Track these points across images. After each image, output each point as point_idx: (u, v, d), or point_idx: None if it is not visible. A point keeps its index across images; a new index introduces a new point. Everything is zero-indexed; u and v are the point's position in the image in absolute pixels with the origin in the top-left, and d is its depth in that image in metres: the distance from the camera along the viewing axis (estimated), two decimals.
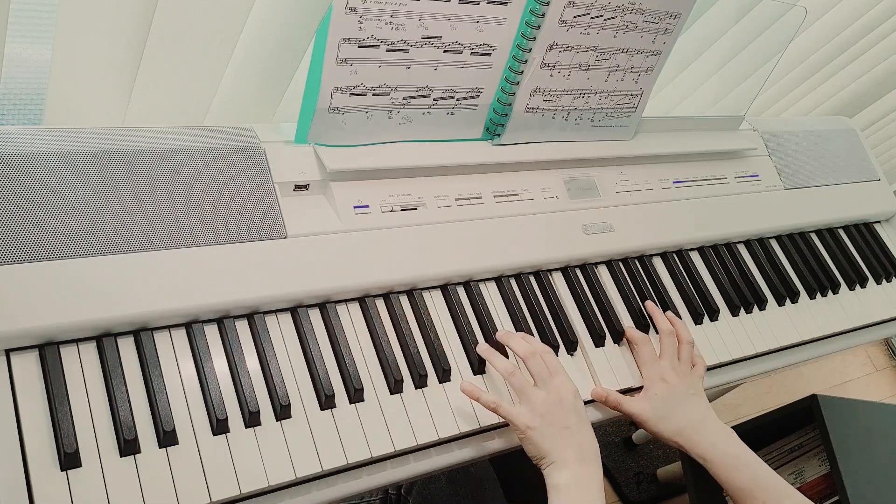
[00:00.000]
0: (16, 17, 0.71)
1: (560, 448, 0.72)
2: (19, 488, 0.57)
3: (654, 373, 0.85)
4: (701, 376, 0.88)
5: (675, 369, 0.86)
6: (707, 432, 0.82)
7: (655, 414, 0.83)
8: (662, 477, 1.76)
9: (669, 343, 0.88)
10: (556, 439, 0.72)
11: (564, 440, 0.73)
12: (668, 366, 0.86)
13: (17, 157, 0.64)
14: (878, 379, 2.36)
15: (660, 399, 0.83)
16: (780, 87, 1.41)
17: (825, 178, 1.22)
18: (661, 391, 0.84)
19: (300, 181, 0.77)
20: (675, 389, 0.84)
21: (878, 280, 1.19)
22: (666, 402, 0.83)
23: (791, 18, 1.11)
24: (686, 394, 0.84)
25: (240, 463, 0.65)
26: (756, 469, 0.81)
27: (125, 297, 0.65)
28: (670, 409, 0.83)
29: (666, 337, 0.88)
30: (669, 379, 0.85)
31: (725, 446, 0.82)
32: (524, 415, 0.73)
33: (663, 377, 0.85)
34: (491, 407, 0.74)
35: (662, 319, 0.91)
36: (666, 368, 0.85)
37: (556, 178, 0.94)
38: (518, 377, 0.75)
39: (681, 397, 0.84)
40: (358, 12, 0.73)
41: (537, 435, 0.72)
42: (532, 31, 0.84)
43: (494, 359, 0.77)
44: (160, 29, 0.72)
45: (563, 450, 0.72)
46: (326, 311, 0.76)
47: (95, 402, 0.63)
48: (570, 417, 0.74)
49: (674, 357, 0.87)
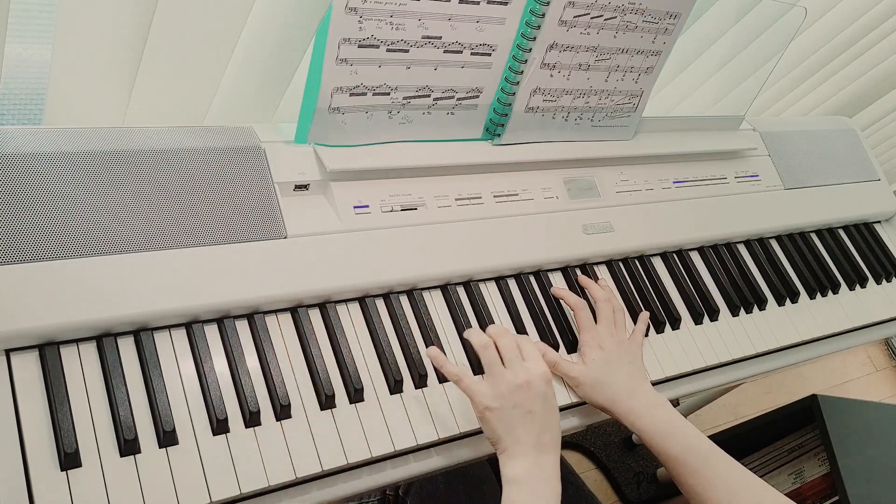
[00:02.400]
0: (16, 17, 0.71)
1: (518, 434, 0.69)
2: (19, 488, 0.57)
3: (592, 338, 0.84)
4: (640, 344, 0.87)
5: (611, 335, 0.84)
6: (640, 399, 0.80)
7: (591, 378, 0.81)
8: (662, 477, 1.76)
9: (606, 309, 0.86)
10: (516, 424, 0.69)
11: (524, 426, 0.70)
12: (605, 332, 0.84)
13: (17, 157, 0.65)
14: (878, 379, 2.36)
15: (596, 365, 0.82)
16: (780, 87, 1.41)
17: (825, 178, 1.22)
18: (598, 357, 0.82)
19: (300, 181, 0.77)
20: (611, 355, 0.83)
21: (878, 280, 1.19)
22: (601, 369, 0.82)
23: (791, 18, 1.11)
24: (622, 361, 0.83)
25: (240, 463, 0.65)
26: (688, 436, 0.78)
27: (125, 297, 0.65)
28: (606, 376, 0.81)
29: (602, 304, 0.87)
30: (606, 345, 0.83)
31: (657, 414, 0.80)
32: (485, 393, 0.70)
33: (600, 344, 0.83)
34: (454, 378, 0.71)
35: (596, 287, 0.89)
36: (603, 335, 0.84)
37: (556, 178, 0.94)
38: (491, 352, 0.72)
39: (616, 364, 0.82)
40: (358, 12, 0.73)
41: (495, 416, 0.70)
42: (532, 31, 0.84)
43: (473, 336, 0.74)
44: (160, 29, 0.72)
45: (522, 436, 0.69)
46: (326, 311, 0.76)
47: (95, 402, 0.63)
48: (535, 403, 0.71)
49: (610, 324, 0.86)
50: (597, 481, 1.77)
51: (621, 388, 0.81)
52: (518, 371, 0.72)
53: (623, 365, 0.83)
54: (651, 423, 0.79)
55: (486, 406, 0.70)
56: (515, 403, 0.70)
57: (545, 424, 0.71)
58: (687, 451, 0.77)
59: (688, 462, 0.77)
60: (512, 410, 0.70)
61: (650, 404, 0.80)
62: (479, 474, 1.02)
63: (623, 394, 0.81)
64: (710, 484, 0.75)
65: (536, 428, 0.70)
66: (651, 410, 0.80)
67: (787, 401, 1.48)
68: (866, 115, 1.62)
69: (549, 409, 0.72)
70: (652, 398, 0.81)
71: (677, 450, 0.78)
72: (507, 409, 0.70)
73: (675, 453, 0.78)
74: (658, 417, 0.79)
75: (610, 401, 0.81)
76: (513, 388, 0.70)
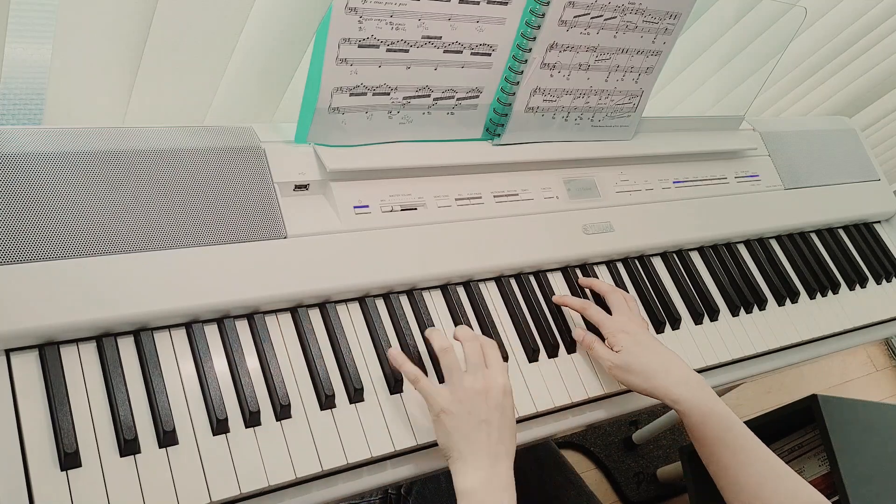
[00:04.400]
0: (16, 17, 0.71)
1: (472, 443, 0.67)
2: (19, 488, 0.57)
3: (615, 327, 0.84)
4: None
5: (632, 320, 0.85)
6: (677, 376, 0.80)
7: (625, 362, 0.81)
8: (662, 477, 1.76)
9: (616, 299, 0.87)
10: (471, 432, 0.68)
11: (478, 434, 0.68)
12: (625, 318, 0.85)
13: (17, 157, 0.65)
14: (878, 379, 2.36)
15: (627, 350, 0.82)
16: (780, 87, 1.41)
17: (825, 178, 1.22)
18: (627, 342, 0.82)
19: (300, 181, 0.77)
20: (638, 338, 0.83)
21: (878, 280, 1.19)
22: (632, 351, 0.81)
23: (791, 18, 1.11)
24: (649, 341, 0.83)
25: (240, 463, 0.65)
26: (731, 418, 0.78)
27: (125, 297, 0.65)
28: (637, 357, 0.81)
29: (611, 295, 0.87)
30: (630, 330, 0.83)
31: (697, 391, 0.79)
32: (443, 396, 0.69)
33: (624, 329, 0.83)
34: (411, 378, 0.70)
35: (598, 283, 0.89)
36: (624, 321, 0.84)
37: (556, 178, 0.94)
38: (451, 356, 0.71)
39: (645, 345, 0.82)
40: (358, 12, 0.73)
41: (450, 421, 0.68)
42: (532, 31, 0.84)
43: (434, 337, 0.73)
44: (160, 29, 0.72)
45: (476, 446, 0.67)
46: (326, 311, 0.76)
47: (95, 402, 0.63)
48: (492, 413, 0.69)
49: (626, 310, 0.86)
50: (597, 481, 1.77)
51: (656, 366, 0.80)
52: (479, 378, 0.70)
53: (651, 345, 0.83)
54: (690, 400, 0.78)
55: (442, 408, 0.68)
56: (471, 410, 0.68)
57: (501, 435, 0.69)
58: (727, 430, 0.77)
59: (726, 440, 0.76)
60: (467, 417, 0.68)
61: (687, 380, 0.80)
62: None
63: (660, 372, 0.80)
64: (746, 463, 0.75)
65: (492, 438, 0.68)
66: (690, 386, 0.79)
67: (787, 401, 1.47)
68: (866, 115, 1.62)
69: (505, 420, 0.70)
70: (688, 374, 0.81)
71: (719, 428, 0.77)
72: (463, 416, 0.68)
73: (717, 432, 0.77)
74: (697, 395, 0.79)
75: (645, 379, 0.80)
76: (471, 395, 0.69)
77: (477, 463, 0.67)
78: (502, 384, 0.71)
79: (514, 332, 0.85)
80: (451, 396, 0.69)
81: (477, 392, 0.69)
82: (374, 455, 0.70)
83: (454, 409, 0.68)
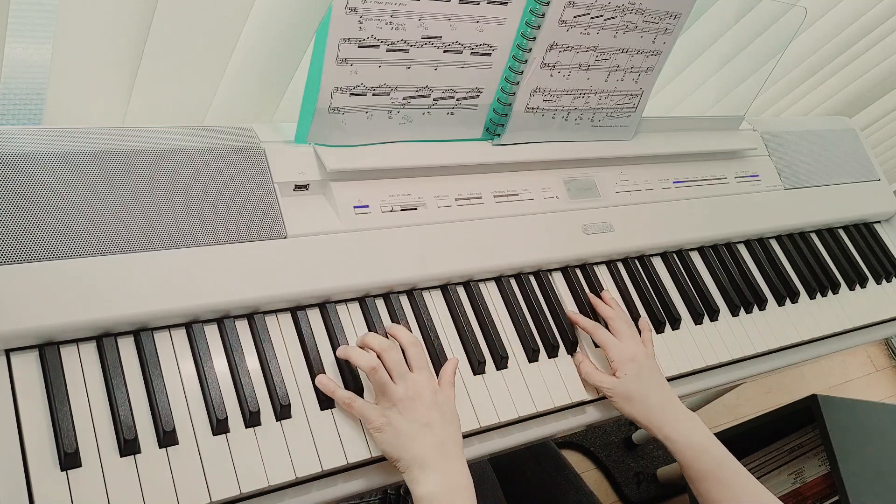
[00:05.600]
0: (16, 17, 0.71)
1: (419, 447, 0.68)
2: (19, 488, 0.57)
3: (622, 353, 0.84)
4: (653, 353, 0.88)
5: (639, 347, 0.85)
6: (673, 413, 0.82)
7: (626, 390, 0.82)
8: (662, 477, 1.76)
9: (619, 325, 0.87)
10: (415, 438, 0.68)
11: (424, 438, 0.68)
12: (631, 345, 0.85)
13: (17, 157, 0.65)
14: (878, 379, 2.36)
15: (630, 378, 0.83)
16: (780, 87, 1.41)
17: (825, 178, 1.22)
18: (632, 371, 0.83)
19: (300, 181, 0.77)
20: (642, 369, 0.83)
21: (878, 280, 1.19)
22: (635, 382, 0.83)
23: (791, 18, 1.11)
24: (653, 373, 0.84)
25: (240, 463, 0.65)
26: (722, 455, 0.80)
27: (125, 297, 0.65)
28: (639, 388, 0.82)
29: (614, 322, 0.87)
30: (637, 359, 0.84)
31: (692, 427, 0.81)
32: (377, 412, 0.69)
33: (632, 357, 0.84)
34: (346, 403, 0.70)
35: (603, 306, 0.89)
36: (630, 348, 0.85)
37: (556, 178, 0.94)
38: (380, 374, 0.69)
39: (648, 377, 0.83)
40: (358, 12, 0.73)
41: (390, 434, 0.68)
42: (532, 31, 0.84)
43: (354, 355, 0.71)
44: (160, 29, 0.72)
45: (425, 450, 0.68)
46: (326, 311, 0.76)
47: (95, 402, 0.63)
48: (430, 414, 0.69)
49: (630, 337, 0.86)
50: (597, 481, 1.77)
51: (654, 400, 0.82)
52: (408, 385, 0.70)
53: (655, 377, 0.84)
54: (686, 436, 0.80)
55: (376, 427, 0.68)
56: (410, 419, 0.69)
57: (446, 434, 0.69)
58: (720, 467, 0.79)
59: (720, 477, 0.78)
60: (408, 426, 0.68)
61: (683, 418, 0.82)
62: (478, 473, 1.02)
63: (657, 406, 0.82)
64: (739, 498, 0.77)
65: (437, 438, 0.69)
66: (685, 424, 0.81)
67: (787, 401, 1.48)
68: (866, 115, 1.62)
69: (446, 417, 0.71)
70: (684, 412, 0.83)
71: (712, 464, 0.79)
72: (403, 426, 0.68)
73: (710, 468, 0.79)
74: (693, 431, 0.81)
75: (643, 413, 0.82)
76: (405, 404, 0.69)
77: (431, 466, 0.67)
78: (428, 384, 0.71)
79: (514, 332, 0.85)
80: (385, 411, 0.69)
81: (410, 399, 0.69)
82: (374, 455, 0.70)
83: (392, 420, 0.69)
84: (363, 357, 0.71)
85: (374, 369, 0.69)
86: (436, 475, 0.67)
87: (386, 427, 0.68)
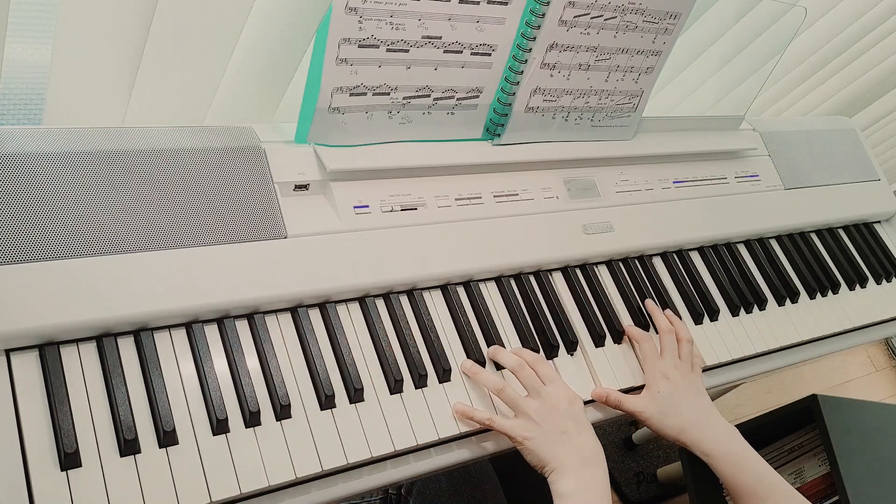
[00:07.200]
0: (16, 17, 0.71)
1: (560, 455, 0.73)
2: (19, 488, 0.57)
3: (657, 370, 0.85)
4: (700, 375, 0.88)
5: (676, 367, 0.86)
6: (711, 429, 0.83)
7: (659, 411, 0.83)
8: (662, 477, 1.76)
9: (670, 341, 0.88)
10: (556, 447, 0.73)
11: (563, 446, 0.73)
12: (670, 364, 0.86)
13: (17, 157, 0.64)
14: (878, 379, 2.36)
15: (662, 396, 0.83)
16: (780, 87, 1.41)
17: (825, 178, 1.22)
18: (665, 388, 0.84)
19: (300, 181, 0.77)
20: (678, 386, 0.84)
21: (878, 280, 1.19)
22: (669, 400, 0.83)
23: (791, 18, 1.11)
24: (689, 391, 0.85)
25: (240, 463, 0.65)
26: (761, 469, 0.81)
27: (125, 297, 0.65)
28: (673, 407, 0.83)
29: (666, 335, 0.89)
30: (672, 376, 0.85)
31: (730, 444, 0.82)
32: (519, 426, 0.74)
33: (666, 375, 0.85)
34: (486, 424, 0.74)
35: (662, 318, 0.91)
36: (668, 366, 0.86)
37: (556, 178, 0.94)
38: (508, 392, 0.75)
39: (684, 394, 0.84)
40: (358, 12, 0.73)
41: (535, 445, 0.73)
42: (532, 31, 0.84)
43: (482, 376, 0.77)
44: (160, 29, 0.72)
45: (564, 456, 0.73)
46: (326, 311, 0.76)
47: (95, 402, 0.63)
48: (566, 423, 0.75)
49: (675, 355, 0.87)
50: None
51: (689, 418, 0.83)
52: (544, 398, 0.76)
53: (690, 395, 0.85)
54: (724, 453, 0.81)
55: (524, 438, 0.73)
56: (549, 428, 0.74)
57: (582, 440, 0.74)
58: (759, 483, 0.80)
59: (758, 493, 0.80)
60: (547, 435, 0.74)
61: (721, 434, 0.83)
62: (480, 474, 1.02)
63: (692, 424, 0.83)
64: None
65: (574, 444, 0.74)
66: (723, 440, 0.82)
67: (787, 401, 1.47)
68: (866, 115, 1.62)
69: (581, 426, 0.76)
70: (722, 427, 0.83)
71: (751, 480, 0.80)
72: (543, 436, 0.74)
73: (749, 484, 0.80)
74: (730, 448, 0.82)
75: (678, 431, 0.83)
76: (543, 415, 0.74)
77: (569, 469, 0.72)
78: (566, 395, 0.77)
79: (514, 332, 0.85)
80: (527, 424, 0.74)
81: (547, 411, 0.75)
82: (374, 455, 0.70)
83: (533, 433, 0.74)
84: (490, 379, 0.77)
85: (501, 390, 0.76)
86: (572, 477, 0.72)
87: (526, 441, 0.73)
